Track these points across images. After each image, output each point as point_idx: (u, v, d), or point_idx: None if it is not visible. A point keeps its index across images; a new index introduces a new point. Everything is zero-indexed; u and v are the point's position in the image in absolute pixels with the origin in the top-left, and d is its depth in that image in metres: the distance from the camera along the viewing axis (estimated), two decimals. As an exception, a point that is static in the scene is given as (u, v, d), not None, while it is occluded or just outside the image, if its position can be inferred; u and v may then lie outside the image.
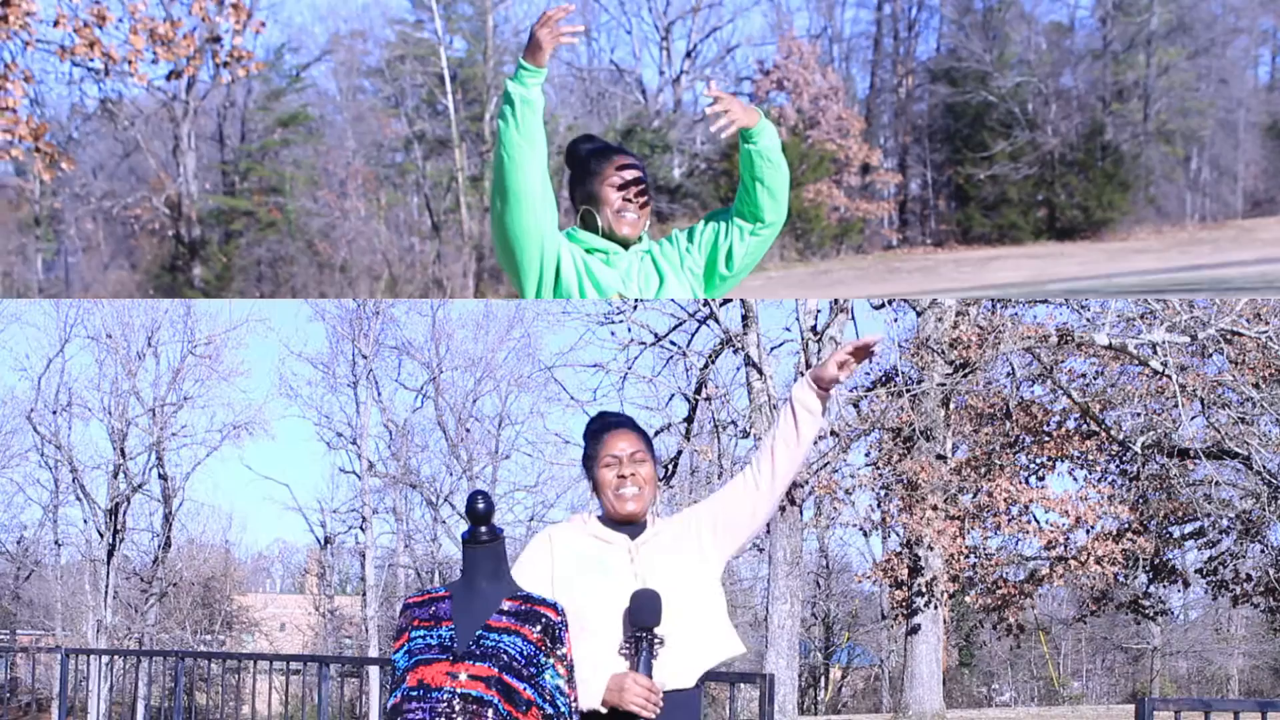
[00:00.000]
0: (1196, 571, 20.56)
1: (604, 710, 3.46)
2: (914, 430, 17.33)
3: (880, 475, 18.22)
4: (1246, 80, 48.40)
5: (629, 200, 3.98)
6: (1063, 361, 17.75)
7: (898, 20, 49.32)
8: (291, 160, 42.20)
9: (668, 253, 4.10)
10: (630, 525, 3.71)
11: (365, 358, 30.28)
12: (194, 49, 17.06)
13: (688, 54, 47.05)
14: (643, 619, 3.45)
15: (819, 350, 15.71)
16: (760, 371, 15.73)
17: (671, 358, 17.55)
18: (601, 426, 3.76)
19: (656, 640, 3.46)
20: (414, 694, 3.28)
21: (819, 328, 15.77)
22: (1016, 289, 29.65)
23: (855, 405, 17.76)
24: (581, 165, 4.01)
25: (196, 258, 40.42)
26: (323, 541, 33.28)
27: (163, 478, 30.71)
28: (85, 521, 30.95)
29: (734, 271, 4.11)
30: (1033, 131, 45.11)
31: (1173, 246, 41.30)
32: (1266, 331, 15.25)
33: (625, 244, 4.02)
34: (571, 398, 18.40)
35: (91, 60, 16.70)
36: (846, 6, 51.04)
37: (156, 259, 42.02)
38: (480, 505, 3.44)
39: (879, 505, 19.07)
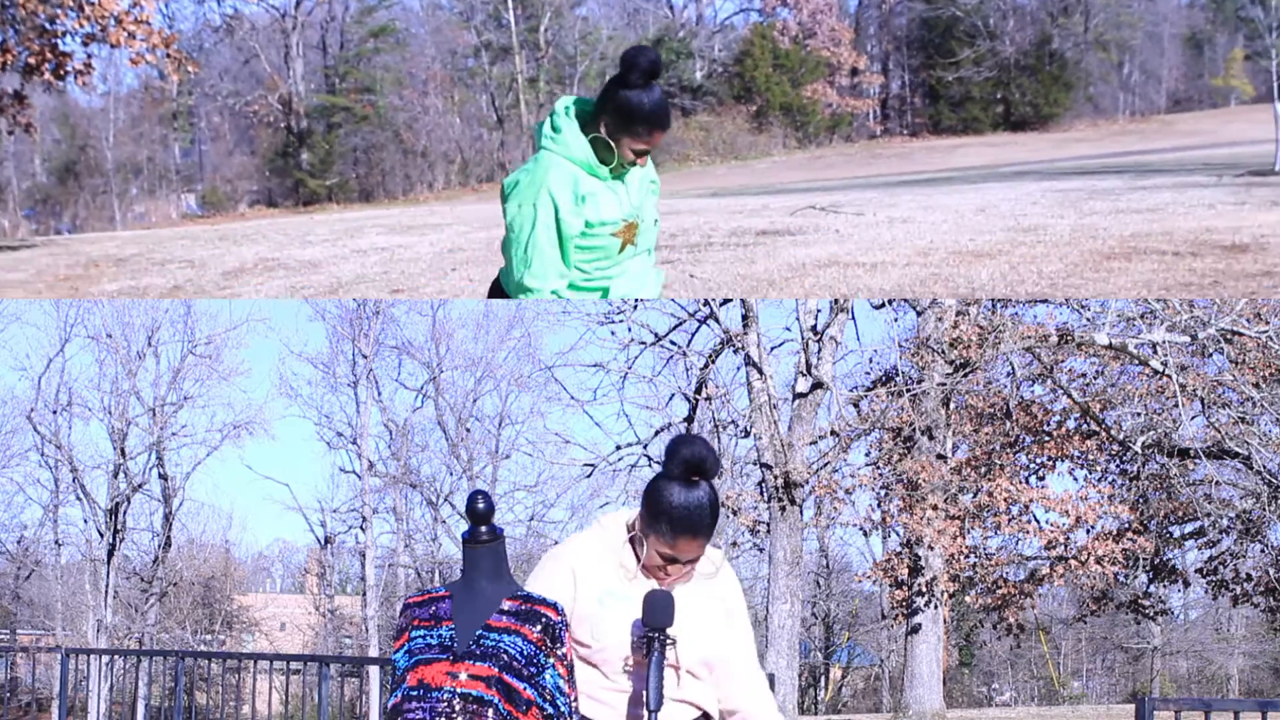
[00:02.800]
0: (1196, 571, 20.55)
1: None
2: (914, 430, 17.33)
3: (880, 475, 18.21)
4: (1171, -2, 59.89)
5: (635, 165, 4.22)
6: (1063, 361, 17.75)
7: (883, -55, 61.94)
8: (381, 65, 52.23)
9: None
10: None
11: (365, 358, 30.27)
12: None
13: (708, -26, 58.13)
14: (654, 619, 3.42)
15: (819, 350, 15.70)
16: (760, 371, 15.71)
17: (671, 358, 17.53)
18: (684, 527, 3.45)
19: (669, 641, 3.45)
20: (414, 694, 3.28)
21: (819, 327, 15.75)
22: (976, 170, 34.51)
23: (855, 405, 17.75)
24: (626, 111, 4.09)
25: (304, 145, 50.37)
26: (323, 541, 33.27)
27: (163, 478, 30.71)
28: (85, 521, 30.97)
29: None
30: (992, 41, 55.47)
31: (1106, 137, 49.89)
32: (1266, 331, 15.25)
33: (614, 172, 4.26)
34: (572, 397, 18.38)
35: (214, -20, 20.81)
36: (840, -68, 63.82)
37: (271, 146, 52.32)
38: (480, 505, 3.44)
39: (879, 505, 19.06)
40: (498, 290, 4.28)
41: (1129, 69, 58.00)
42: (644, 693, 3.44)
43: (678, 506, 3.42)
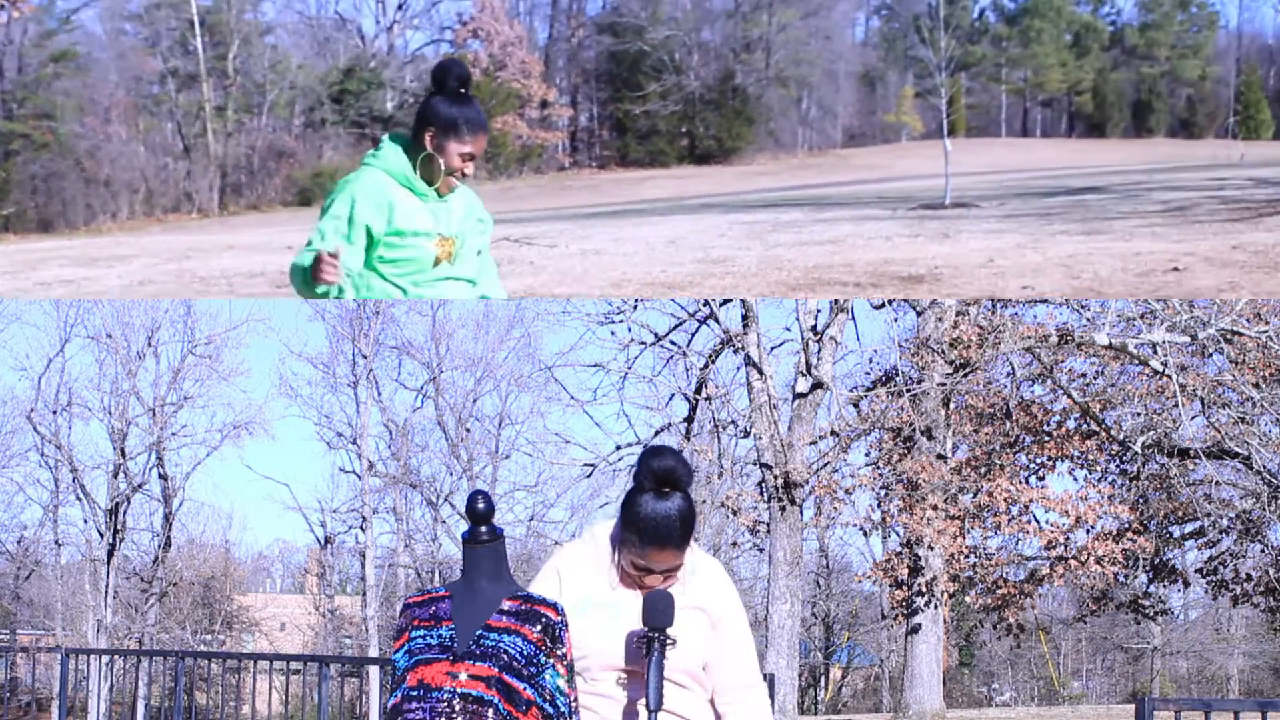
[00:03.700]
0: (1196, 571, 20.56)
1: None
2: (914, 430, 17.33)
3: (880, 475, 18.21)
4: (846, 38, 63.92)
5: (465, 175, 4.37)
6: (1063, 361, 17.75)
7: (572, -20, 61.87)
8: (63, 91, 49.80)
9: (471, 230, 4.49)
10: None
11: (365, 358, 30.27)
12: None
13: (399, 6, 58.56)
14: (654, 619, 3.43)
15: (819, 350, 15.70)
16: (760, 371, 15.71)
17: (671, 358, 17.54)
18: (653, 538, 3.46)
19: (668, 641, 3.45)
20: (414, 694, 3.28)
21: (819, 327, 15.75)
22: (664, 202, 35.07)
23: (855, 405, 17.75)
24: (448, 117, 4.27)
25: (-22, 172, 49.03)
26: (323, 541, 33.30)
27: (163, 478, 30.72)
28: (85, 521, 31.01)
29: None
30: (678, 75, 57.33)
31: (786, 170, 52.19)
32: (1266, 331, 15.25)
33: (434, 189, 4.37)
34: (571, 397, 18.39)
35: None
36: (530, -33, 63.82)
37: (-58, 173, 50.69)
38: (480, 505, 3.44)
39: (879, 505, 19.06)
40: None
41: (807, 105, 60.85)
42: (644, 695, 3.45)
43: (646, 518, 3.44)
